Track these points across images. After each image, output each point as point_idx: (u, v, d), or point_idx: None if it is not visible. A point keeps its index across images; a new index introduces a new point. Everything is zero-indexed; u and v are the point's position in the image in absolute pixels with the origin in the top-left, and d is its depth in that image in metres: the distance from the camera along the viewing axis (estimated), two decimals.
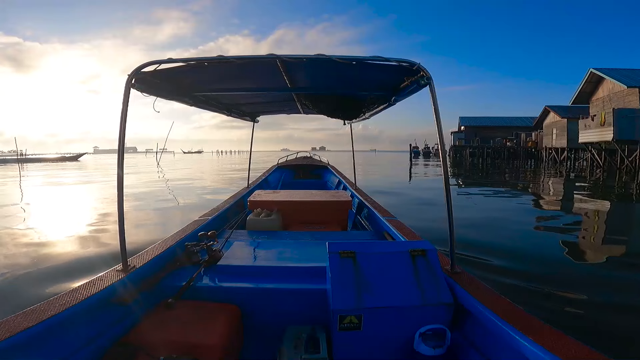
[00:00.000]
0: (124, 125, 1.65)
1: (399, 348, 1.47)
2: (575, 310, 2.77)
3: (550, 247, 4.59)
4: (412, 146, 42.94)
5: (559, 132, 27.17)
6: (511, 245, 4.48)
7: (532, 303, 2.78)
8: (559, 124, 27.11)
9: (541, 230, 5.90)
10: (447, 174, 1.71)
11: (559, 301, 2.91)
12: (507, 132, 41.95)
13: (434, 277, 1.52)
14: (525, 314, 1.26)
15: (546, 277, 3.42)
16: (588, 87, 22.39)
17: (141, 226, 5.76)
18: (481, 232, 5.06)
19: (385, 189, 10.31)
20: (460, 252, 3.57)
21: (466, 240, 4.33)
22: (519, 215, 6.88)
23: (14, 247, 4.43)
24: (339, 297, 1.42)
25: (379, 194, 8.26)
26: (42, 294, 2.88)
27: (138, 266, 1.71)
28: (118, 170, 1.67)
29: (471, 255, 3.87)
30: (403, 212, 5.72)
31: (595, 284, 3.32)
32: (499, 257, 3.86)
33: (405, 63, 1.60)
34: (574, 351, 1.02)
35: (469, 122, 44.98)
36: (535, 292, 3.04)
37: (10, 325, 1.13)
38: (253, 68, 1.97)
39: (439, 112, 1.67)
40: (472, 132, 43.29)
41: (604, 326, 2.49)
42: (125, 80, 1.62)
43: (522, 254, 4.11)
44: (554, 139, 28.03)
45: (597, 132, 18.88)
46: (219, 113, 3.25)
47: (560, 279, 3.42)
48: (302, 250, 2.28)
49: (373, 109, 3.01)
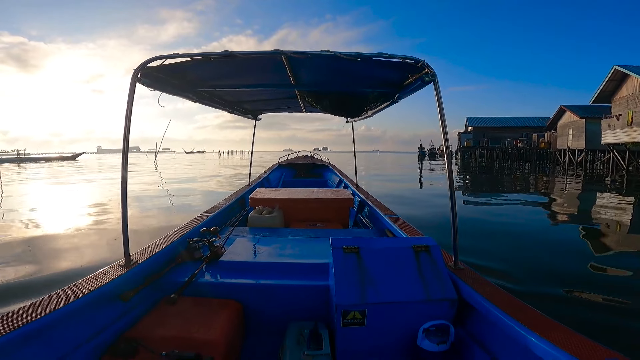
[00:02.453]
0: (129, 120, 1.68)
1: (403, 344, 1.47)
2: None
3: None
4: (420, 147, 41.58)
5: (575, 132, 25.90)
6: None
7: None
8: (575, 124, 25.86)
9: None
10: (450, 171, 1.75)
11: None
12: (516, 132, 40.73)
13: (437, 272, 1.53)
14: (531, 309, 1.26)
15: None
16: (610, 85, 21.17)
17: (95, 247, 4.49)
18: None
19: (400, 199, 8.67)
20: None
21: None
22: (573, 252, 4.37)
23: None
24: (343, 293, 1.43)
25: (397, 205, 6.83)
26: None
27: (140, 261, 1.73)
28: (122, 166, 1.69)
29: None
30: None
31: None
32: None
33: (410, 60, 1.62)
34: (581, 345, 1.02)
35: (476, 123, 43.73)
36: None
37: (13, 319, 1.14)
38: (257, 64, 1.99)
39: (443, 110, 1.69)
40: (480, 133, 42.09)
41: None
42: (131, 75, 1.66)
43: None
44: (569, 139, 26.79)
45: (625, 132, 17.61)
46: (222, 110, 3.26)
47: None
48: (303, 247, 2.29)
49: (376, 107, 2.99)
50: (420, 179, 15.30)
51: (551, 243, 4.82)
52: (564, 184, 13.35)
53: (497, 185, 13.10)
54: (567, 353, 0.99)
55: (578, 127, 25.52)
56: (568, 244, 4.75)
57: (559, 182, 14.04)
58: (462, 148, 42.36)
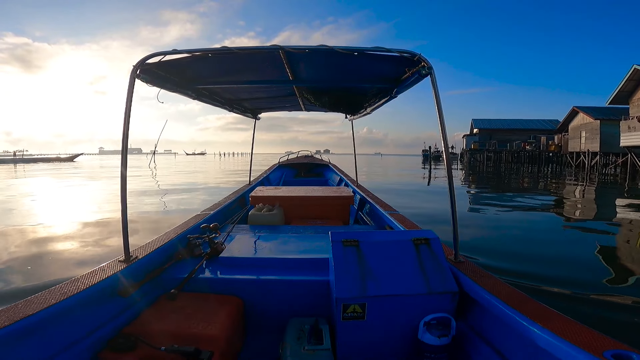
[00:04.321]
0: (128, 116, 1.70)
1: (404, 337, 1.48)
2: None
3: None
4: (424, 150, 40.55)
5: (589, 134, 25.01)
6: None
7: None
8: (589, 126, 24.98)
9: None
10: (449, 166, 1.76)
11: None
12: (524, 135, 39.91)
13: (438, 265, 1.53)
14: (532, 301, 1.26)
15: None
16: (629, 85, 20.49)
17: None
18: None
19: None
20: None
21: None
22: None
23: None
24: (343, 286, 1.44)
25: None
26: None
27: (140, 257, 1.74)
28: (122, 163, 1.72)
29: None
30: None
31: None
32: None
33: (407, 54, 1.65)
34: (585, 336, 1.01)
35: (483, 125, 42.97)
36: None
37: (11, 313, 1.14)
38: (256, 59, 2.02)
39: (441, 105, 1.70)
40: (486, 135, 41.13)
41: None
42: (130, 71, 1.69)
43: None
44: (582, 142, 25.91)
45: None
46: (221, 108, 3.30)
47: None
48: (303, 243, 2.31)
49: (375, 103, 3.02)
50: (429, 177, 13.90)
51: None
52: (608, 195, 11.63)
53: (521, 197, 10.46)
54: (570, 343, 0.98)
55: (592, 129, 24.65)
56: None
57: (603, 192, 12.34)
58: (469, 151, 41.30)
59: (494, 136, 40.76)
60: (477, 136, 42.52)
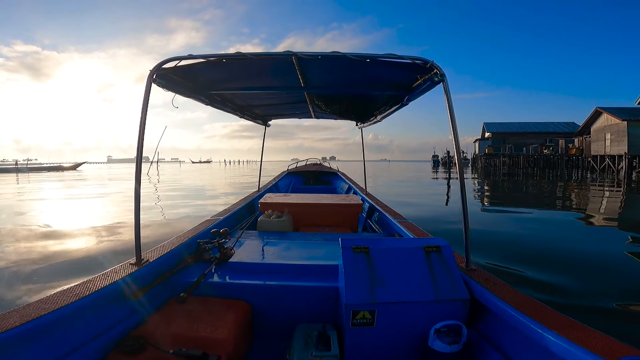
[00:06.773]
0: (143, 122, 1.74)
1: (413, 345, 1.47)
2: None
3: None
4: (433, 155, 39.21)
5: (614, 137, 23.77)
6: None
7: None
8: (614, 127, 23.73)
9: None
10: (461, 170, 1.78)
11: None
12: (539, 138, 38.59)
13: (449, 272, 1.53)
14: (546, 308, 1.24)
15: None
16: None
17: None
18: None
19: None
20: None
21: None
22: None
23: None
24: (352, 292, 1.44)
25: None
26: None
27: (151, 260, 1.79)
28: (136, 166, 1.77)
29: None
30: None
31: None
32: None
33: (419, 60, 1.66)
34: (602, 343, 0.98)
35: (496, 129, 41.80)
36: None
37: (22, 314, 1.16)
38: (268, 65, 2.07)
39: (453, 111, 1.70)
40: (500, 139, 39.70)
41: None
42: (147, 76, 1.74)
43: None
44: (607, 145, 24.49)
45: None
46: (233, 114, 3.37)
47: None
48: (312, 250, 2.32)
49: (386, 110, 3.02)
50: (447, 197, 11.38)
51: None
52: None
53: (564, 214, 7.85)
54: (586, 350, 0.97)
55: (618, 131, 23.45)
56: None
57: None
58: (484, 156, 39.94)
59: (507, 140, 39.58)
60: (491, 140, 41.19)
